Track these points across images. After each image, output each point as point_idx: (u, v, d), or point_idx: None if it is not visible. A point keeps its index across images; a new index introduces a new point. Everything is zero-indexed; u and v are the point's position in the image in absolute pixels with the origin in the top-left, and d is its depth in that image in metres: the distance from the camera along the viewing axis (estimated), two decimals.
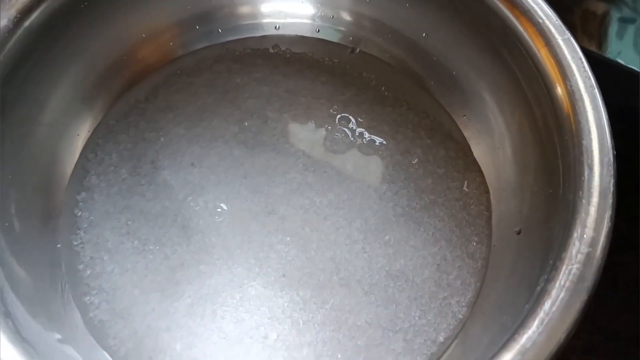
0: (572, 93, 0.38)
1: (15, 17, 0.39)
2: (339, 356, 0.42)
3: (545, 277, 0.33)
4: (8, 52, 0.39)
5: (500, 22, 0.43)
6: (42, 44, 0.41)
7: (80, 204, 0.46)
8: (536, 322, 0.31)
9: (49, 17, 0.41)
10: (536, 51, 0.40)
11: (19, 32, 0.39)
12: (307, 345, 0.43)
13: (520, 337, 0.31)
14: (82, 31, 0.44)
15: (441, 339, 0.43)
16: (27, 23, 0.39)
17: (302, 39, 0.54)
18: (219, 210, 0.47)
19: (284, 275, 0.45)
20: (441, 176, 0.49)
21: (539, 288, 0.33)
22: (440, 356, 0.42)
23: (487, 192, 0.47)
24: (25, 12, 0.39)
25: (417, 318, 0.44)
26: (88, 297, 0.43)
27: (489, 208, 0.47)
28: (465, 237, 0.46)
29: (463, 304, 0.44)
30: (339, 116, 0.50)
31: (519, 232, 0.44)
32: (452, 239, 0.46)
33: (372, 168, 0.49)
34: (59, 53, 0.44)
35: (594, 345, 0.48)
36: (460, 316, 0.44)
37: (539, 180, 0.42)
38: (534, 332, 0.31)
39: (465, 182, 0.48)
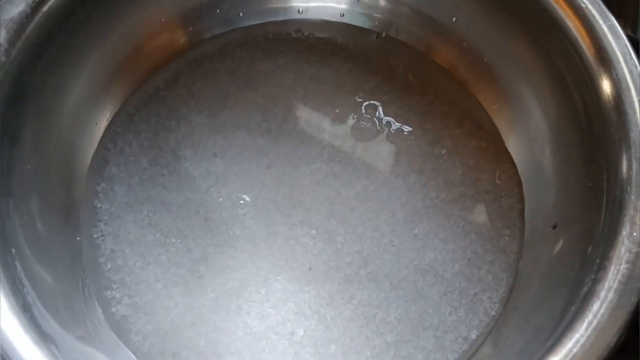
0: (617, 82, 0.36)
1: (34, 2, 0.37)
2: (368, 354, 0.41)
3: (592, 277, 0.32)
4: (27, 38, 0.37)
5: (539, 6, 0.41)
6: (62, 31, 0.40)
7: (100, 195, 0.45)
8: (584, 325, 0.30)
9: (68, 3, 0.39)
10: (578, 38, 0.38)
11: (38, 17, 0.37)
12: (335, 342, 0.42)
13: (567, 341, 0.30)
14: (102, 17, 0.43)
15: (473, 336, 0.42)
16: (45, 8, 0.38)
17: (326, 24, 0.52)
18: (242, 202, 0.45)
19: (310, 269, 0.43)
20: (471, 167, 0.47)
21: (585, 288, 0.31)
22: (472, 355, 0.41)
23: (520, 183, 0.46)
24: None
25: (447, 314, 0.42)
26: (109, 292, 0.42)
27: (521, 200, 0.46)
28: (496, 230, 0.45)
29: (495, 300, 0.43)
30: (365, 104, 0.49)
31: (554, 227, 0.42)
32: (482, 232, 0.45)
33: (400, 158, 0.47)
34: (79, 40, 0.42)
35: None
36: (493, 313, 0.43)
37: (577, 173, 0.41)
38: (581, 336, 0.30)
39: (497, 173, 0.47)
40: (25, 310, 0.33)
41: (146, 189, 0.45)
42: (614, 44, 0.37)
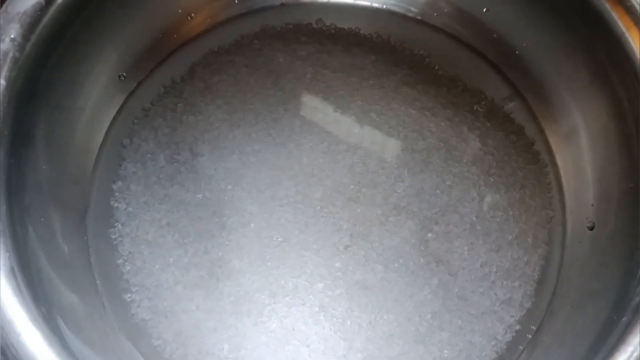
0: None
1: None
2: None
3: None
4: (41, 32, 0.35)
5: None
6: (76, 23, 0.38)
7: (117, 194, 0.43)
8: (638, 339, 0.28)
9: None
10: (624, 31, 0.36)
11: (52, 9, 0.35)
12: (359, 350, 0.40)
13: (620, 355, 0.28)
14: (116, 7, 0.41)
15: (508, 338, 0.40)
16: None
17: (348, 13, 0.49)
18: (260, 201, 0.43)
19: (333, 275, 0.42)
20: (502, 160, 0.45)
21: (637, 299, 0.30)
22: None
23: (556, 179, 0.44)
24: None
25: (487, 320, 0.41)
26: (128, 295, 0.41)
27: (557, 197, 0.44)
28: (530, 228, 0.43)
29: (531, 305, 0.41)
30: (391, 98, 0.47)
31: (591, 228, 0.40)
32: (514, 230, 0.43)
33: (431, 152, 0.45)
34: (93, 32, 0.40)
35: None
36: (528, 305, 0.41)
37: (618, 172, 0.39)
38: (635, 348, 0.28)
39: (529, 169, 0.45)
40: (45, 319, 0.31)
41: (164, 187, 0.44)
42: None
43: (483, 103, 0.47)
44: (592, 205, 0.41)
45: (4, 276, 0.30)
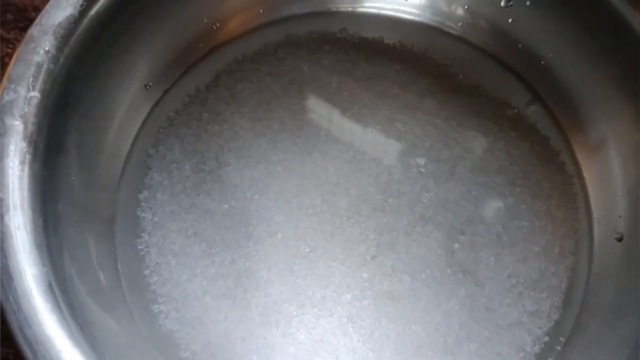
0: None
1: (82, 5, 0.35)
2: None
3: None
4: (74, 44, 0.35)
5: (607, 9, 0.39)
6: (107, 34, 0.38)
7: (143, 204, 0.43)
8: None
9: (115, 4, 0.37)
10: None
11: (85, 21, 0.35)
12: None
13: None
14: (146, 19, 0.41)
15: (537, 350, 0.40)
16: (93, 11, 0.36)
17: (371, 23, 0.49)
18: (287, 211, 0.43)
19: (361, 286, 0.42)
20: (527, 172, 0.45)
21: None
22: None
23: (583, 190, 0.44)
24: (91, 0, 0.35)
25: (515, 328, 0.41)
26: (156, 306, 0.41)
27: (583, 208, 0.44)
28: (557, 239, 0.43)
29: (560, 317, 0.41)
30: (415, 107, 0.47)
31: (620, 239, 0.40)
32: (540, 241, 0.43)
33: (457, 162, 0.45)
34: (123, 44, 0.40)
35: None
36: (556, 317, 0.41)
37: None
38: None
39: (555, 179, 0.45)
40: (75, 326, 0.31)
41: (190, 197, 0.43)
42: None
43: (508, 113, 0.47)
44: (620, 217, 0.41)
45: (43, 292, 0.29)
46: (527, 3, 0.45)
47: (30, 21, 0.50)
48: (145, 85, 0.44)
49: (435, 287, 0.42)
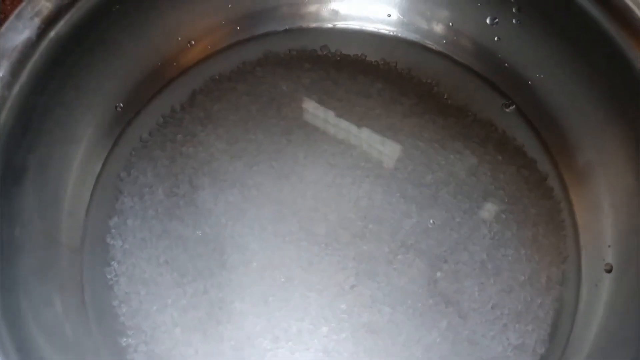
0: None
1: (39, 28, 0.33)
2: None
3: None
4: (32, 68, 0.33)
5: (595, 27, 0.37)
6: (69, 55, 0.36)
7: (113, 230, 0.41)
8: None
9: (79, 24, 0.35)
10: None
11: (44, 44, 0.34)
12: None
13: None
14: (114, 38, 0.39)
15: None
16: (52, 33, 0.34)
17: (353, 39, 0.48)
18: (263, 238, 0.41)
19: (338, 317, 0.40)
20: (513, 197, 0.43)
21: None
22: None
23: (571, 216, 0.42)
24: (50, 22, 0.33)
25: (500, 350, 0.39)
26: (124, 339, 0.39)
27: (571, 236, 0.42)
28: (543, 268, 0.41)
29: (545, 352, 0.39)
30: (398, 128, 0.45)
31: (609, 271, 0.39)
32: (526, 270, 0.41)
33: (440, 187, 0.43)
34: (88, 64, 0.38)
35: None
36: (542, 351, 0.39)
37: (637, 213, 0.37)
38: None
39: (542, 204, 0.43)
40: None
41: (162, 223, 0.42)
42: None
43: (494, 135, 0.45)
44: (609, 247, 0.39)
45: None
46: (514, 21, 0.43)
47: None
48: (116, 107, 0.43)
49: (416, 318, 0.40)
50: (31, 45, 0.33)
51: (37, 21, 0.33)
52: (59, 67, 0.36)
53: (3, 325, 0.29)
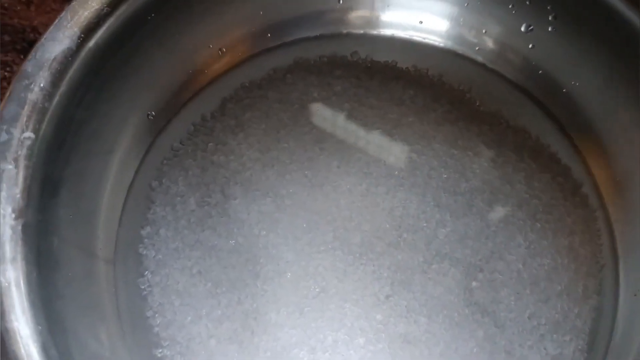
0: None
1: (79, 38, 0.33)
2: None
3: None
4: (71, 78, 0.33)
5: (632, 33, 0.36)
6: (106, 66, 0.36)
7: (145, 240, 0.41)
8: None
9: (115, 35, 0.35)
10: None
11: (83, 54, 0.33)
12: None
13: None
14: (149, 48, 0.39)
15: None
16: (91, 43, 0.33)
17: (383, 45, 0.47)
18: (297, 248, 0.41)
19: (374, 328, 0.39)
20: (549, 205, 0.43)
21: None
22: None
23: (607, 225, 0.42)
24: (89, 31, 0.33)
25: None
26: (160, 350, 0.39)
27: (607, 244, 0.42)
28: (580, 277, 0.41)
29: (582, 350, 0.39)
30: (431, 136, 0.44)
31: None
32: (563, 279, 0.41)
33: (471, 197, 0.43)
34: (125, 75, 0.38)
35: None
36: None
37: None
38: None
39: (577, 213, 0.43)
40: None
41: (194, 233, 0.41)
42: None
43: (528, 142, 0.45)
44: None
45: (37, 353, 0.27)
46: (549, 29, 0.42)
47: (29, 42, 0.48)
48: (148, 115, 0.42)
49: (452, 329, 0.40)
50: (71, 56, 0.32)
51: (77, 30, 0.32)
52: (96, 77, 0.35)
53: (49, 339, 0.28)
